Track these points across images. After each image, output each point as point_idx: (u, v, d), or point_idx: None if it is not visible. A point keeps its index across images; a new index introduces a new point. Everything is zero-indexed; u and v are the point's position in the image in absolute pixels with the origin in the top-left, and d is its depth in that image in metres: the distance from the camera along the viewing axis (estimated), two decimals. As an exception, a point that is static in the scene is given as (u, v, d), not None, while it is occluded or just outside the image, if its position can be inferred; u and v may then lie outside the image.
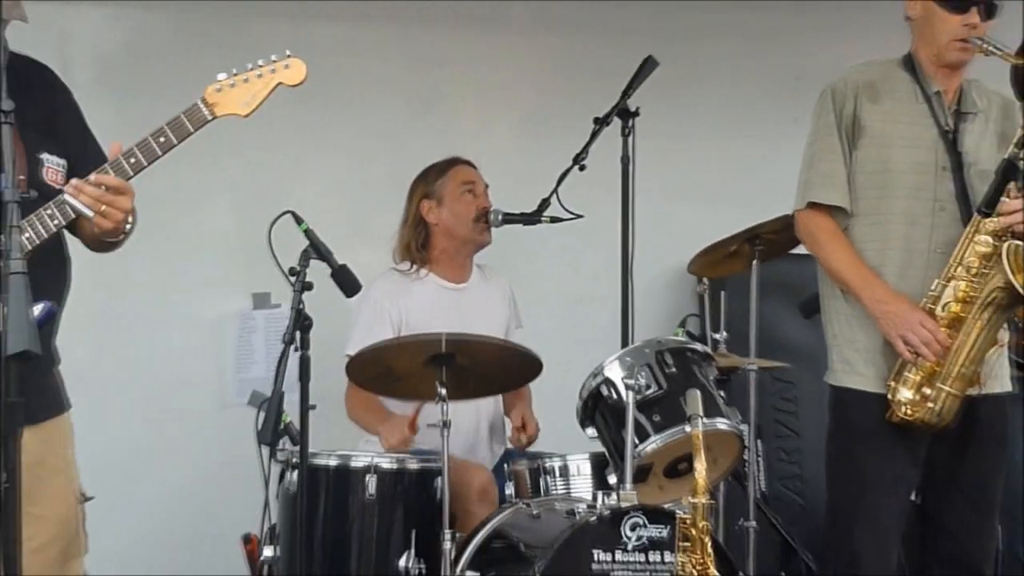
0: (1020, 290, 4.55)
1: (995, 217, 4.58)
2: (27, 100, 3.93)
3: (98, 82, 6.61)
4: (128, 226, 4.04)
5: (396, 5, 6.94)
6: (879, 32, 5.08)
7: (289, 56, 4.12)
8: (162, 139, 3.94)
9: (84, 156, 4.09)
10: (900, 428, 4.79)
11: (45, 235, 3.92)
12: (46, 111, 4.02)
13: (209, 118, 4.01)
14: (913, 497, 5.03)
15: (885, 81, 4.93)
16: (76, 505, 4.18)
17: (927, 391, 4.67)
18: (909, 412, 4.70)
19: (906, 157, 4.85)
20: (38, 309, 3.86)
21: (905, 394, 4.69)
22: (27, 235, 3.87)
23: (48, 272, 3.99)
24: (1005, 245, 4.60)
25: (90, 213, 3.84)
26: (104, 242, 4.07)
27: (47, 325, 3.96)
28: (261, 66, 4.10)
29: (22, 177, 3.90)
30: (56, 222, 3.91)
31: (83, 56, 6.70)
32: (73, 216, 3.91)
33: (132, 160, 3.93)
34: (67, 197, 3.89)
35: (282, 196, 5.68)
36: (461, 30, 7.14)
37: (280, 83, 4.11)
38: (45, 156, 4.07)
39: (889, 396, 4.73)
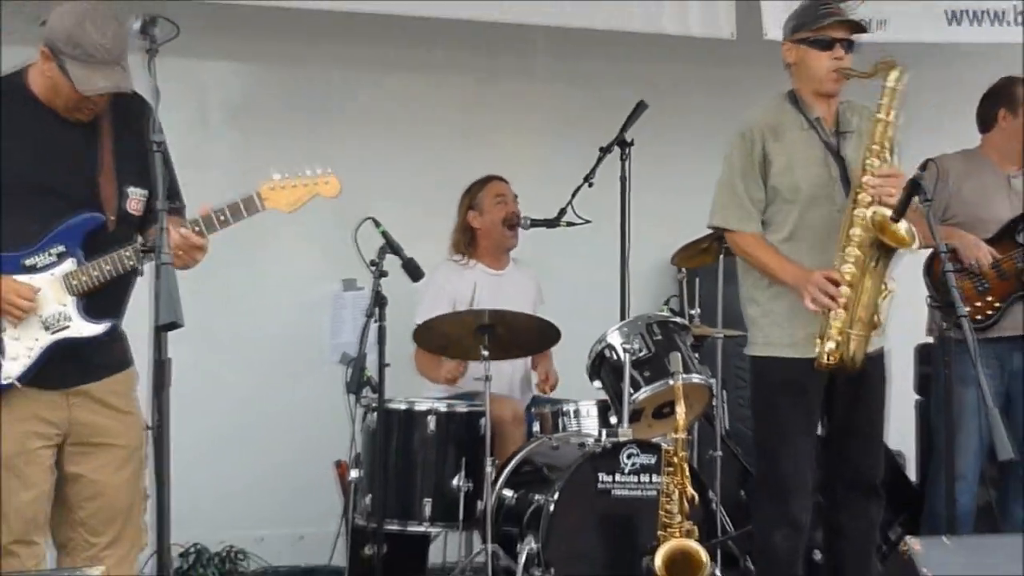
0: (886, 241, 4.46)
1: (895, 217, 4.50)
2: (127, 133, 3.92)
3: (227, 122, 6.62)
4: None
5: (449, 60, 6.93)
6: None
7: (330, 174, 4.02)
8: (222, 217, 3.88)
9: (165, 191, 3.78)
10: (806, 384, 4.69)
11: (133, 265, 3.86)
12: (140, 146, 3.76)
13: (260, 209, 3.94)
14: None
15: (781, 119, 4.77)
16: (142, 428, 4.08)
17: (841, 339, 4.54)
18: (833, 359, 4.53)
19: (807, 174, 4.69)
20: (102, 328, 3.89)
21: (829, 346, 4.50)
22: (109, 268, 3.85)
23: (120, 290, 3.98)
24: (870, 211, 4.49)
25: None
26: None
27: (113, 333, 3.96)
28: (308, 176, 4.00)
29: (114, 203, 3.94)
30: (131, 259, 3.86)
31: (215, 102, 6.70)
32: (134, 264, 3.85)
33: (196, 229, 3.86)
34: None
35: (365, 206, 5.65)
36: (498, 80, 7.12)
37: (318, 194, 4.02)
38: (131, 189, 3.95)
39: (817, 350, 4.55)
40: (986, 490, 5.59)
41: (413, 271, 5.55)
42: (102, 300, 3.89)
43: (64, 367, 3.89)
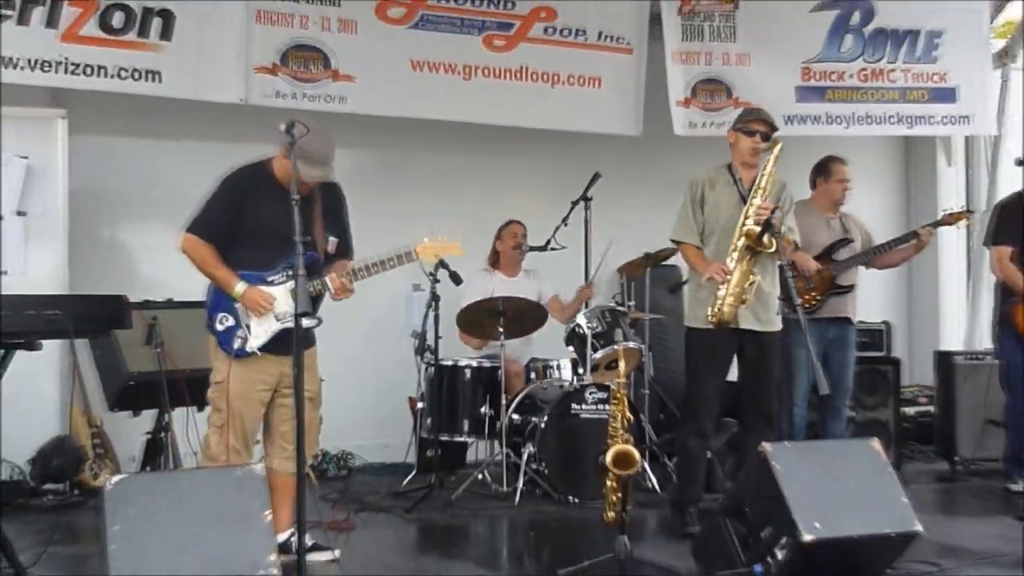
0: (752, 244, 4.47)
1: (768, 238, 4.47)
2: (329, 206, 4.10)
3: (345, 191, 6.48)
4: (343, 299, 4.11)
5: (485, 148, 6.83)
6: (712, 158, 4.96)
7: (457, 241, 4.18)
8: (392, 262, 4.07)
9: (344, 239, 4.20)
10: (718, 347, 4.63)
11: (317, 291, 4.03)
12: (335, 214, 4.09)
13: (415, 259, 4.12)
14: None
15: (716, 177, 4.77)
16: (319, 384, 4.23)
17: (720, 305, 4.52)
18: (715, 319, 4.54)
19: (724, 213, 4.69)
20: (313, 323, 3.77)
21: (714, 311, 4.53)
22: (314, 284, 3.96)
23: (318, 300, 4.09)
24: (745, 228, 4.52)
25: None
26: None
27: (317, 326, 3.93)
28: (443, 240, 4.14)
29: (324, 246, 4.10)
30: (320, 286, 4.05)
31: (337, 177, 6.60)
32: (323, 290, 4.03)
33: (362, 271, 4.06)
34: (327, 279, 4.03)
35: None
36: (517, 157, 7.01)
37: (448, 253, 4.23)
38: (330, 237, 4.11)
39: (708, 315, 4.58)
40: (812, 413, 5.56)
41: (456, 279, 5.58)
42: (312, 305, 3.88)
43: (283, 342, 4.00)
